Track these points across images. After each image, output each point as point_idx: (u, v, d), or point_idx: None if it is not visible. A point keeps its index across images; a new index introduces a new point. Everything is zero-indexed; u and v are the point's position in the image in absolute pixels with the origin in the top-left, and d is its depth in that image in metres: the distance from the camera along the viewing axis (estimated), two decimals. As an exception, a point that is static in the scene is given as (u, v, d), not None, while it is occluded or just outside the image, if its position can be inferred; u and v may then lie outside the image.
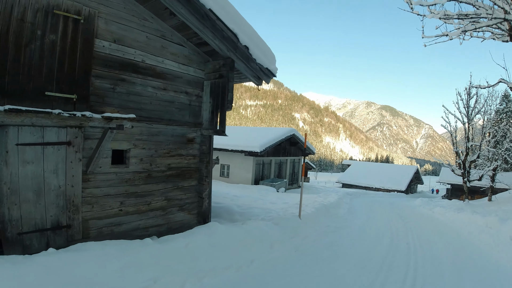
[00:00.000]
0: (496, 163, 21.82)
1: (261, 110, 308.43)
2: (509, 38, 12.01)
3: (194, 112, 6.68)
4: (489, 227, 8.31)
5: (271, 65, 6.82)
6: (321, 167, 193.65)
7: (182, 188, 6.58)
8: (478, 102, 21.57)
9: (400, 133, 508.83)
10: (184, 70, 6.50)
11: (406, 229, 9.74)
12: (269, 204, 10.96)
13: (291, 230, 7.09)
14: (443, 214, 12.88)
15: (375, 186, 47.71)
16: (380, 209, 15.13)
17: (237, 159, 24.14)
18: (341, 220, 10.05)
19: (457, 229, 9.83)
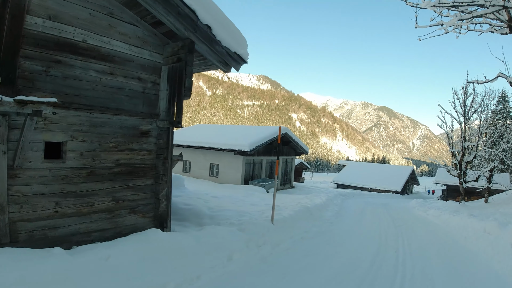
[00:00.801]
0: (493, 164, 21.31)
1: (258, 110, 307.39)
2: (508, 29, 11.19)
3: (149, 101, 5.80)
4: (488, 232, 7.49)
5: (241, 49, 5.96)
6: (318, 167, 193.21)
7: (135, 188, 5.70)
8: (475, 102, 21.15)
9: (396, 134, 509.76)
10: (137, 53, 5.62)
11: (397, 234, 8.89)
12: (248, 205, 10.08)
13: (260, 237, 6.21)
14: (437, 216, 12.06)
15: (370, 187, 47.08)
16: (372, 211, 14.30)
17: (226, 158, 23.31)
18: (325, 224, 9.20)
19: (453, 234, 9.00)
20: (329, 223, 9.54)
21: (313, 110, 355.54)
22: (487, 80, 12.04)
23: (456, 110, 21.42)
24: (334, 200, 15.43)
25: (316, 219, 9.54)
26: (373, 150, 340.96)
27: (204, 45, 5.56)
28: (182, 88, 5.41)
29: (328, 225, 9.20)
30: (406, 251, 6.94)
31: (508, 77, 10.80)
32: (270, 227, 6.75)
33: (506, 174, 34.10)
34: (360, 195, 29.45)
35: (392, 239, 8.05)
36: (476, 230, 8.00)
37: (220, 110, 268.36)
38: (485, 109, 21.54)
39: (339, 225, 9.35)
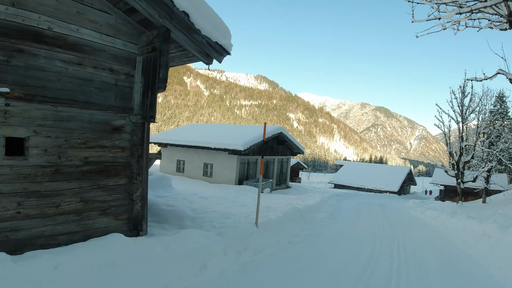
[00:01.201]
0: (490, 164, 21.06)
1: (256, 110, 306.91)
2: (507, 25, 10.80)
3: (122, 94, 5.35)
4: (488, 235, 7.07)
5: (223, 39, 5.52)
6: (315, 167, 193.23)
7: (106, 188, 5.25)
8: (473, 101, 20.90)
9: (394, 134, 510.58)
10: (109, 43, 5.18)
11: (393, 237, 8.46)
12: (237, 207, 9.60)
13: (241, 242, 5.74)
14: (435, 218, 11.64)
15: (367, 187, 46.82)
16: (367, 212, 13.88)
17: (220, 158, 22.87)
18: (316, 227, 8.75)
19: (450, 237, 8.57)
20: (321, 225, 9.09)
21: (310, 110, 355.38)
22: (486, 77, 11.64)
23: (454, 110, 21.21)
24: (329, 200, 15.01)
25: (307, 221, 9.09)
26: (371, 150, 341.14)
27: (181, 33, 5.12)
28: (156, 80, 4.96)
29: (320, 227, 8.74)
30: (401, 256, 6.50)
31: (508, 73, 10.41)
32: (253, 231, 6.28)
33: (503, 175, 33.91)
34: (357, 195, 29.06)
35: (387, 243, 7.62)
36: (475, 233, 7.58)
37: (217, 110, 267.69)
38: (483, 109, 21.29)
39: (331, 228, 8.90)
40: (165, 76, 5.03)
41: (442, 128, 21.52)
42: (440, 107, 21.52)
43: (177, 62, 6.74)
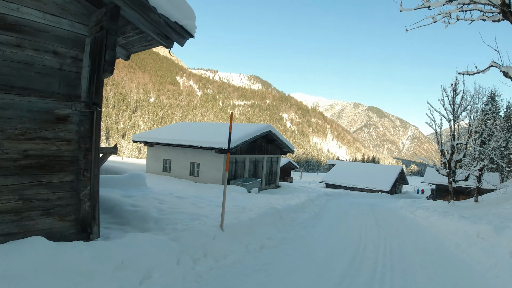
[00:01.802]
0: (482, 163, 20.79)
1: (249, 110, 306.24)
2: (501, 15, 10.30)
3: (68, 80, 4.66)
4: (482, 237, 6.53)
5: (185, 19, 4.86)
6: (308, 167, 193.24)
7: (49, 185, 4.56)
8: (464, 99, 20.61)
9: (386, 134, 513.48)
10: (54, 23, 4.50)
11: (379, 240, 7.85)
12: (213, 207, 8.86)
13: (199, 248, 5.05)
14: (426, 218, 11.12)
15: (359, 186, 46.49)
16: (356, 212, 13.33)
17: (207, 157, 22.21)
18: (296, 229, 8.11)
19: (442, 239, 8.00)
20: (302, 227, 8.46)
21: (303, 110, 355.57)
22: (478, 70, 11.16)
23: (445, 108, 21.02)
24: (316, 200, 14.42)
25: (287, 222, 8.44)
26: (363, 150, 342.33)
27: (134, 11, 4.46)
28: (102, 62, 4.31)
29: (300, 229, 8.10)
30: (387, 263, 5.85)
31: (501, 66, 9.93)
32: (217, 235, 5.55)
33: (495, 174, 33.83)
34: (348, 195, 28.62)
35: (372, 247, 7.00)
36: (469, 235, 7.03)
37: (210, 110, 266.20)
38: (474, 107, 21.01)
39: (313, 230, 8.27)
40: (112, 58, 4.37)
41: (433, 127, 21.26)
42: (431, 105, 21.27)
43: (137, 48, 6.10)
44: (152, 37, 4.90)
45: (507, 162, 34.51)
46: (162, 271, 4.06)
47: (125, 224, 6.38)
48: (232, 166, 22.62)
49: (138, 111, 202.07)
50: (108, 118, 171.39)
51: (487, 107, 37.25)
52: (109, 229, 5.97)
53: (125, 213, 6.80)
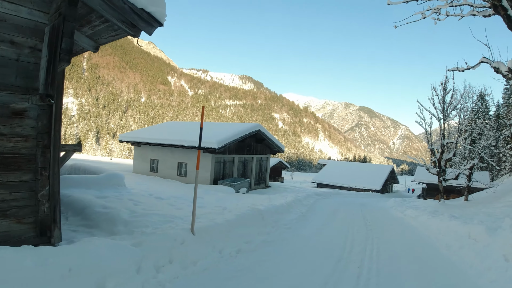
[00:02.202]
0: (472, 162, 20.76)
1: (241, 110, 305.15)
2: (491, 10, 10.03)
3: (26, 72, 4.21)
4: (473, 239, 6.21)
5: (152, 6, 4.41)
6: (300, 167, 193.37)
7: (5, 185, 4.09)
8: (454, 98, 20.65)
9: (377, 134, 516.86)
10: (11, 10, 4.04)
11: (367, 241, 7.51)
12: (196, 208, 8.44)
13: (165, 254, 4.58)
14: (415, 218, 10.81)
15: (350, 186, 46.39)
16: (345, 212, 12.99)
17: (195, 156, 21.71)
18: (278, 231, 7.72)
19: (432, 240, 7.66)
20: (286, 228, 8.07)
21: (295, 110, 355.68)
22: (468, 66, 10.89)
23: (435, 107, 20.94)
24: (304, 200, 14.04)
25: (269, 224, 8.02)
26: (355, 150, 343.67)
27: (95, -3, 4.03)
28: (58, 51, 3.87)
29: (283, 231, 7.71)
30: (373, 267, 5.45)
31: (492, 62, 9.66)
32: (187, 239, 5.09)
33: (485, 172, 33.92)
34: (338, 194, 28.35)
35: (358, 249, 6.63)
36: (460, 236, 6.70)
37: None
38: (464, 106, 20.95)
39: (297, 232, 7.88)
40: (68, 46, 3.92)
41: (423, 126, 21.19)
42: (421, 104, 21.27)
43: (105, 38, 5.64)
44: (118, 25, 4.45)
45: (497, 161, 34.73)
46: (118, 281, 3.59)
47: (93, 227, 5.92)
48: (220, 166, 22.17)
49: (129, 111, 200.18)
50: (98, 118, 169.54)
51: (477, 106, 37.47)
52: (76, 232, 5.52)
53: (94, 215, 6.33)
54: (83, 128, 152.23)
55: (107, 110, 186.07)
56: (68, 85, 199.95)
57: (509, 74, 8.62)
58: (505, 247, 4.96)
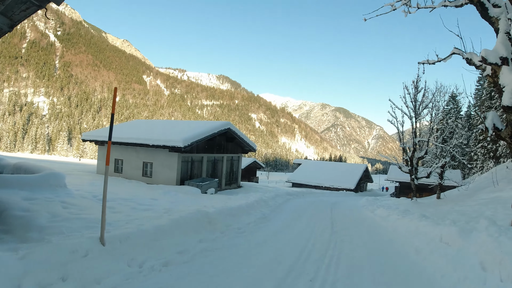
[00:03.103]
0: (444, 160, 20.70)
1: (218, 110, 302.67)
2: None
3: None
4: (445, 242, 5.53)
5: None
6: (277, 167, 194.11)
7: None
8: (426, 97, 20.61)
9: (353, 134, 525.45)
10: None
11: (329, 246, 6.73)
12: (139, 211, 7.39)
13: (58, 268, 3.59)
14: (385, 218, 10.18)
15: (324, 185, 46.20)
16: (313, 212, 12.26)
17: (160, 156, 20.59)
18: (228, 237, 6.83)
19: (401, 243, 6.94)
20: (238, 233, 7.20)
21: (272, 110, 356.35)
22: (439, 59, 10.38)
23: (407, 105, 20.79)
24: (271, 200, 13.23)
25: (218, 229, 7.10)
26: (331, 150, 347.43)
27: None
28: None
29: (233, 237, 6.83)
30: (329, 279, 4.59)
31: (464, 53, 9.15)
32: (92, 250, 4.08)
33: (457, 171, 34.30)
34: (311, 193, 27.83)
35: (316, 256, 5.81)
36: (431, 238, 6.01)
37: (178, 109, 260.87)
38: (436, 105, 20.95)
39: (251, 237, 7.03)
40: None
41: (395, 124, 21.11)
42: (393, 102, 21.17)
43: (18, 14, 4.76)
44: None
45: (468, 159, 35.19)
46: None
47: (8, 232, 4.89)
48: (187, 166, 21.12)
49: (103, 110, 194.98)
50: (70, 118, 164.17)
51: (449, 106, 37.96)
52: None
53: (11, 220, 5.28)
54: (55, 128, 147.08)
55: (80, 110, 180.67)
56: (40, 84, 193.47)
57: (483, 65, 8.09)
58: (481, 253, 4.27)
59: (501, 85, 7.25)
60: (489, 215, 9.13)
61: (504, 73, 7.19)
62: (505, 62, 7.26)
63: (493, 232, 4.69)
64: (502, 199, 11.76)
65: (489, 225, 5.10)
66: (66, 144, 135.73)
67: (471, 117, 41.35)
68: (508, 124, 7.00)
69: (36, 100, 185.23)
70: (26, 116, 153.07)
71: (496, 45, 7.65)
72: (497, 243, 4.20)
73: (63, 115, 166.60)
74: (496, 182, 17.24)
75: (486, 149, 33.46)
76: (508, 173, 20.34)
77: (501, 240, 4.24)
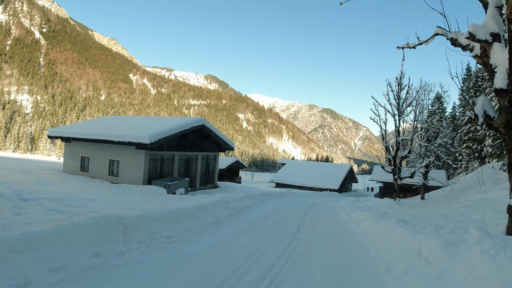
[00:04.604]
0: (428, 160, 19.94)
1: (205, 110, 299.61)
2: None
3: None
4: (425, 258, 4.25)
5: None
6: (264, 167, 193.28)
7: None
8: (410, 94, 20.26)
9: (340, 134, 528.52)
10: None
11: (279, 259, 5.36)
12: (55, 213, 5.94)
13: None
14: (360, 222, 8.93)
15: (308, 185, 45.17)
16: (282, 216, 10.90)
17: (127, 153, 19.02)
18: (149, 247, 5.42)
19: (371, 257, 5.56)
20: (162, 244, 5.72)
21: (260, 111, 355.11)
22: (420, 41, 9.19)
23: (390, 103, 20.09)
24: (236, 202, 11.76)
25: (132, 238, 5.55)
26: (318, 150, 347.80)
27: None
28: None
29: (151, 249, 5.33)
30: None
31: (448, 33, 8.00)
32: None
33: (442, 171, 33.67)
34: (292, 194, 26.66)
35: (254, 275, 4.41)
36: (407, 252, 4.72)
37: (165, 109, 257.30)
38: (420, 103, 20.33)
39: (179, 249, 5.57)
40: None
41: (378, 123, 20.41)
42: (376, 99, 20.37)
43: None
44: None
45: (453, 160, 34.56)
46: None
47: None
48: (156, 164, 19.59)
49: (87, 109, 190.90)
50: (54, 117, 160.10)
51: (434, 107, 37.48)
52: None
53: None
54: (38, 127, 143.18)
55: (64, 108, 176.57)
56: (23, 82, 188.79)
57: (470, 44, 6.91)
58: (472, 280, 3.02)
59: (492, 65, 6.08)
60: (478, 219, 7.97)
61: (496, 51, 6.02)
62: (497, 39, 6.09)
63: (488, 247, 3.45)
64: (490, 200, 10.69)
65: (482, 237, 3.86)
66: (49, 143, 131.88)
67: (456, 118, 40.91)
68: (502, 110, 5.81)
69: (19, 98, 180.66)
70: (9, 114, 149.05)
71: (485, 20, 6.50)
72: (494, 266, 2.96)
73: (46, 113, 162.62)
74: (482, 183, 16.29)
75: (471, 149, 32.89)
76: (494, 174, 19.49)
77: (500, 261, 2.99)
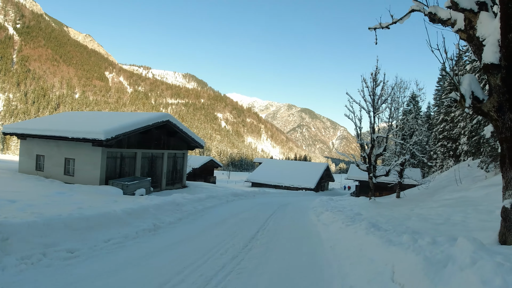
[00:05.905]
0: (404, 158, 19.29)
1: (183, 109, 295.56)
2: None
3: None
4: (401, 284, 3.11)
5: None
6: (242, 166, 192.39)
7: None
8: (385, 90, 19.39)
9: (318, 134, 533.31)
10: None
11: (219, 280, 4.13)
12: None
13: None
14: (327, 226, 7.81)
15: (284, 185, 44.24)
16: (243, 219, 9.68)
17: (83, 151, 17.36)
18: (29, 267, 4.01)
19: (332, 275, 4.32)
20: (55, 261, 4.36)
21: (238, 110, 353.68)
22: (394, 20, 8.13)
23: (365, 99, 19.48)
24: (191, 203, 10.39)
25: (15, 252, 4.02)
26: (296, 150, 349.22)
27: None
28: None
29: (28, 270, 3.97)
30: None
31: (426, 7, 6.97)
32: None
33: (417, 169, 33.39)
34: (265, 194, 25.54)
35: None
36: (377, 272, 3.53)
37: (141, 108, 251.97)
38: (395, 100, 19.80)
39: (76, 267, 4.25)
40: None
41: (353, 120, 19.73)
42: (350, 96, 19.73)
43: None
44: None
45: (428, 158, 34.36)
46: None
47: None
48: (115, 163, 18.00)
49: (61, 107, 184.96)
50: (26, 115, 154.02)
51: (409, 107, 37.36)
52: None
53: None
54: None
55: (37, 107, 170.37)
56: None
57: (451, 18, 5.88)
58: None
59: (479, 38, 5.06)
60: (459, 222, 6.98)
61: (483, 22, 5.01)
62: (484, 7, 5.08)
63: (489, 271, 2.34)
64: (470, 199, 9.81)
65: (476, 252, 2.76)
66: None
67: (430, 117, 40.92)
68: (494, 91, 4.78)
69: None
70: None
71: (470, -13, 5.50)
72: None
73: (18, 112, 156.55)
74: (459, 180, 15.60)
75: (446, 148, 32.76)
76: (471, 171, 18.96)
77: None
